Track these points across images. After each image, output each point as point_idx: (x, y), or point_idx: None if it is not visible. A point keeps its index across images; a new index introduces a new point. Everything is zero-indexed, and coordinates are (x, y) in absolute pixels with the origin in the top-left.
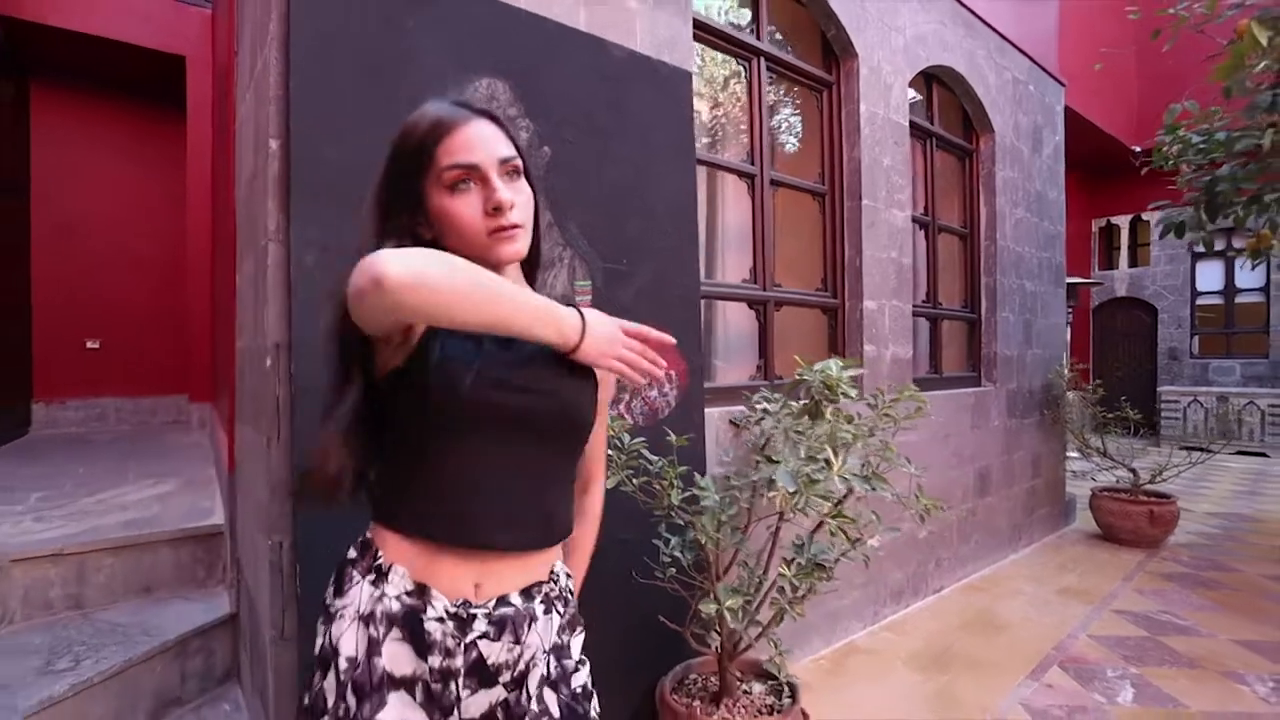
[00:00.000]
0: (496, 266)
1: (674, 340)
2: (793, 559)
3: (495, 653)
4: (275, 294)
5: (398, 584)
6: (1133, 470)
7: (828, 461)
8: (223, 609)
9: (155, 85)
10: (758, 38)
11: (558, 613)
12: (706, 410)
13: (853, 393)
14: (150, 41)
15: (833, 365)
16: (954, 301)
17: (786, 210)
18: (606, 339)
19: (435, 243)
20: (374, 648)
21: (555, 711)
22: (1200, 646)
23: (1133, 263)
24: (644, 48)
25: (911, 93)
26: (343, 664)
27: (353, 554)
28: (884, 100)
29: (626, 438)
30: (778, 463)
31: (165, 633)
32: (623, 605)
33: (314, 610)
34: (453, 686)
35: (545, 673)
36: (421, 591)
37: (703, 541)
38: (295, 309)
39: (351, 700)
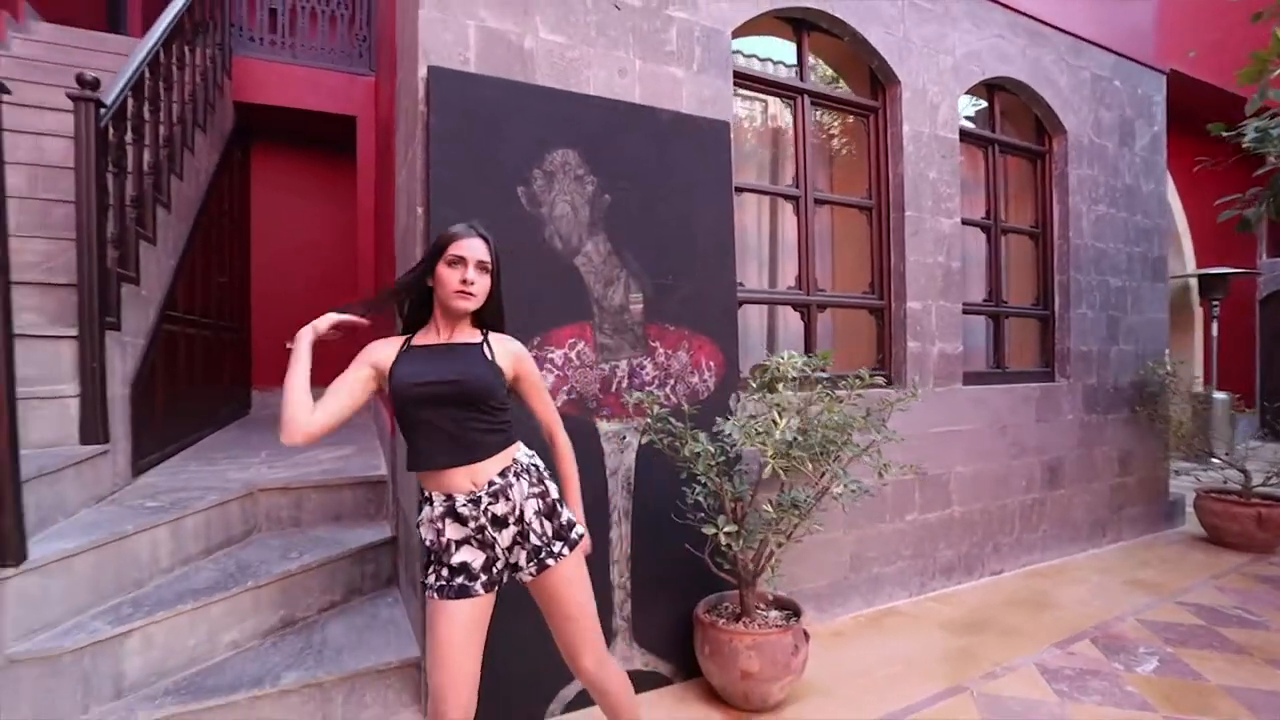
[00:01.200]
0: (458, 312)
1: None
2: (775, 499)
3: (499, 509)
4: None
5: (436, 501)
6: (1244, 471)
7: (774, 421)
8: (386, 533)
9: (334, 140)
10: (801, 79)
11: (526, 479)
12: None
13: (794, 375)
14: (331, 107)
15: (784, 355)
16: (1026, 299)
17: (845, 222)
18: (312, 325)
19: (432, 289)
20: (440, 531)
21: (549, 531)
22: (1258, 638)
23: None
24: (689, 107)
25: (976, 101)
26: (427, 543)
27: (423, 493)
28: (930, 119)
29: (656, 408)
30: (727, 419)
31: (350, 544)
32: (666, 541)
33: None
34: (487, 533)
35: (537, 508)
36: (448, 497)
37: (705, 483)
38: None
39: (434, 567)
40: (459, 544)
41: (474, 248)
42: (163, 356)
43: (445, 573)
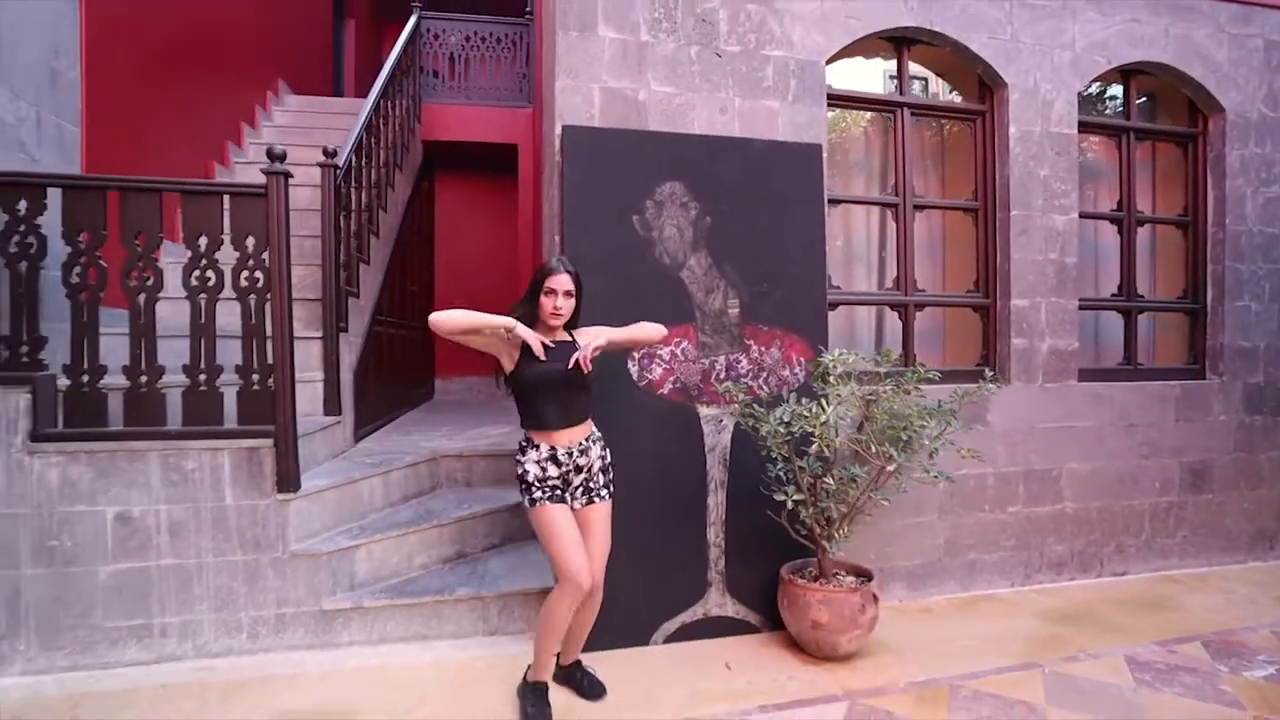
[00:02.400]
0: (552, 328)
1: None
2: (836, 473)
3: (581, 462)
4: None
5: (543, 448)
6: None
7: (822, 407)
8: None
9: (500, 164)
10: (900, 92)
11: (598, 447)
12: None
13: (842, 370)
14: (498, 138)
15: (836, 352)
16: (1172, 291)
17: (955, 223)
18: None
19: (532, 310)
20: (544, 469)
21: (602, 481)
22: None
23: None
24: (785, 134)
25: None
26: (531, 475)
27: (523, 442)
28: (1041, 117)
29: (741, 395)
30: (776, 406)
31: (509, 501)
32: (756, 509)
33: None
34: (570, 476)
35: (601, 466)
36: (553, 448)
37: (775, 458)
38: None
39: (538, 485)
40: (553, 478)
41: (561, 281)
42: (373, 351)
43: (548, 488)
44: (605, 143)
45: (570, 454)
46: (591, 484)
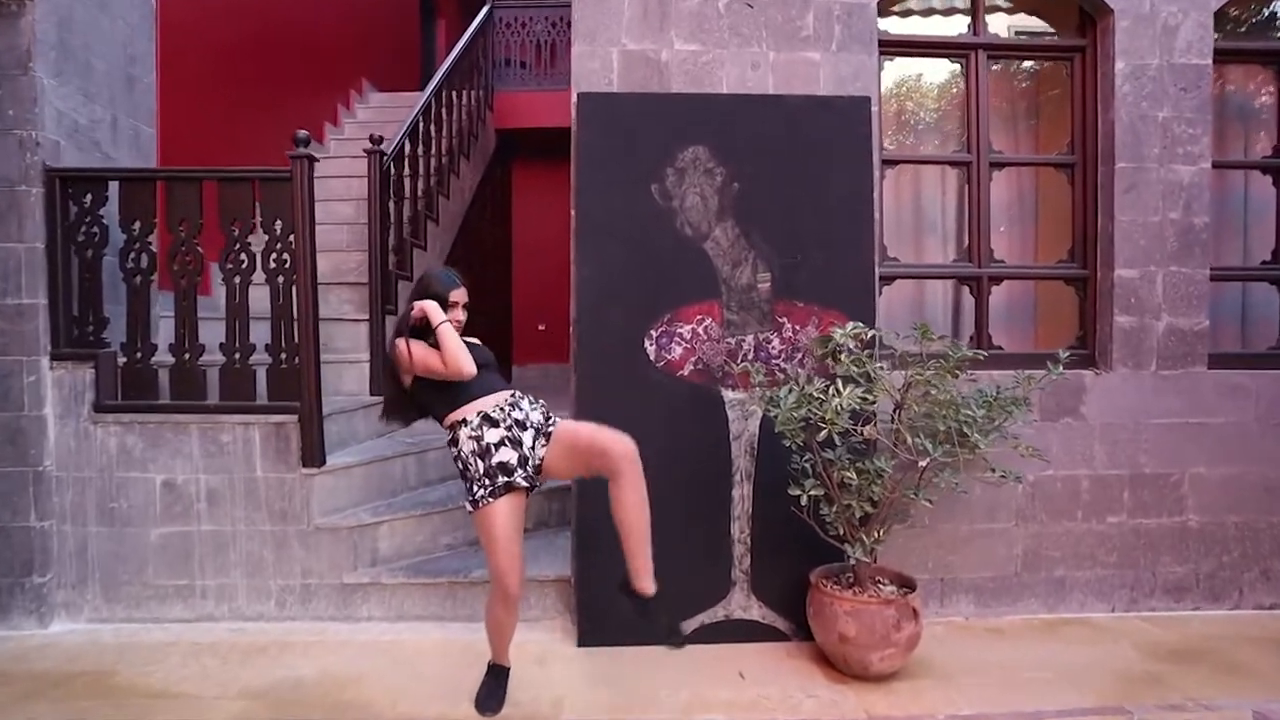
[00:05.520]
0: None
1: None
2: (859, 465)
3: (517, 416)
4: (573, 293)
5: (473, 420)
6: None
7: (837, 390)
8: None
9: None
10: (974, 32)
11: (528, 400)
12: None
13: (849, 347)
14: (568, 122)
15: (843, 328)
16: None
17: (1048, 184)
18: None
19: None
20: (480, 438)
21: (552, 420)
22: None
23: None
24: (827, 88)
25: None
26: (466, 452)
27: (448, 433)
28: (1161, 47)
29: (759, 376)
30: (784, 386)
31: (542, 487)
32: (787, 505)
33: None
34: (514, 431)
35: (543, 414)
36: (480, 411)
37: (790, 446)
38: (578, 300)
39: (480, 461)
40: (497, 446)
41: (461, 293)
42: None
43: (487, 481)
44: (622, 108)
45: (501, 409)
46: (547, 430)
